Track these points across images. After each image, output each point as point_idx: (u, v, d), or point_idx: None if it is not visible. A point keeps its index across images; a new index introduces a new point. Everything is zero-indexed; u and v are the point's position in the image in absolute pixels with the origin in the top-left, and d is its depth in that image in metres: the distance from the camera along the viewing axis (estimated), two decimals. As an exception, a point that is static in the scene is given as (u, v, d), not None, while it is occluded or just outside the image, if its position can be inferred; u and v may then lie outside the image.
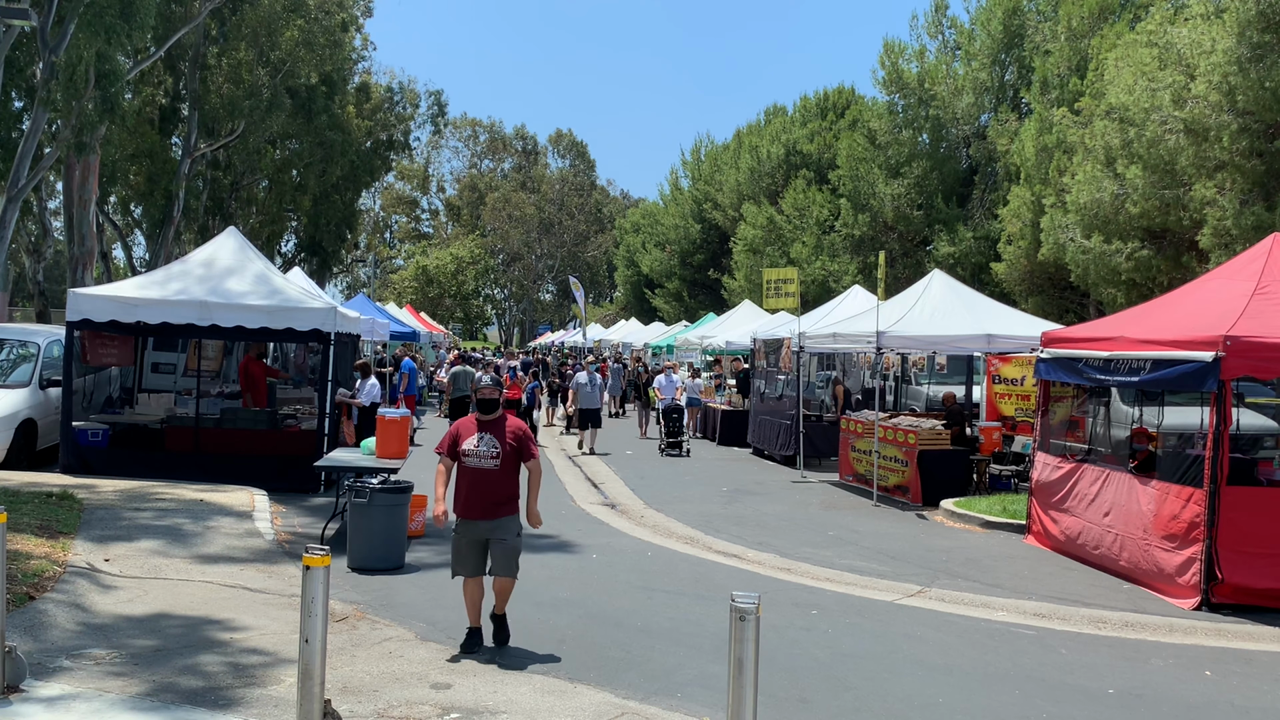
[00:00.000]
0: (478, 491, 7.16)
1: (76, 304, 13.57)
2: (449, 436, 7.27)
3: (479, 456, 7.16)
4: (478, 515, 7.17)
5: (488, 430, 7.25)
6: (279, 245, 46.71)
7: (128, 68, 25.64)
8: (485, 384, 7.38)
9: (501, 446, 7.18)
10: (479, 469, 7.16)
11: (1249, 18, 15.69)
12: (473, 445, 7.18)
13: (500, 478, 7.17)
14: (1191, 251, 18.12)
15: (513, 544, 7.26)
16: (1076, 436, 13.10)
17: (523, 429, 7.36)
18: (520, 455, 7.27)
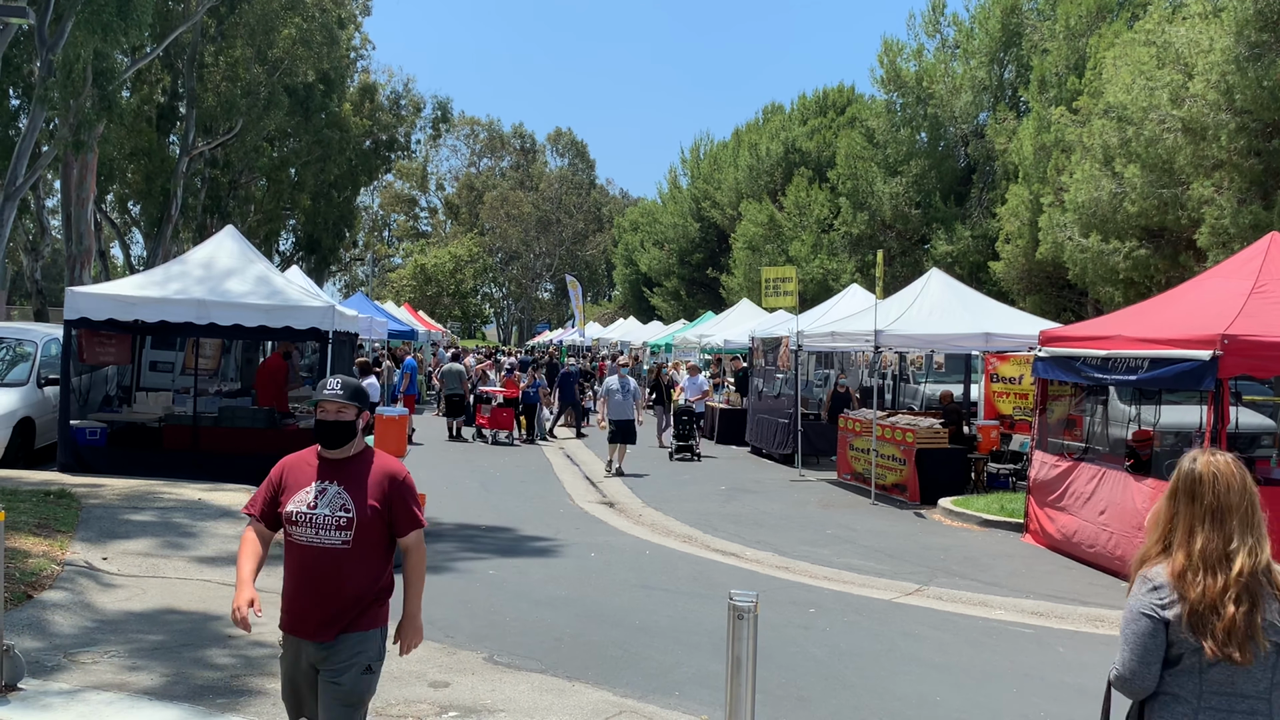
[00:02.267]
0: (311, 587, 4.19)
1: (74, 302, 13.56)
2: (265, 485, 4.37)
3: (314, 525, 4.14)
4: (308, 630, 4.21)
5: (334, 478, 4.20)
6: (277, 244, 46.70)
7: (125, 66, 25.62)
8: (332, 394, 4.17)
9: (357, 508, 4.16)
10: (314, 547, 4.15)
11: (1247, 17, 15.70)
12: (305, 504, 4.17)
13: (352, 564, 4.19)
14: (1189, 250, 18.14)
15: (355, 686, 4.19)
16: (1074, 435, 13.12)
17: (399, 475, 4.27)
18: (392, 523, 4.26)
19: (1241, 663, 2.89)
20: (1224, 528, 3.01)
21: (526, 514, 13.17)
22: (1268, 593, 2.94)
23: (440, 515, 12.56)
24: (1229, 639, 2.89)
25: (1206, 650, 2.90)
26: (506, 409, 22.25)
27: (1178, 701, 2.98)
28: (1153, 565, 3.08)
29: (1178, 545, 3.05)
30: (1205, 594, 2.93)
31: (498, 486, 15.55)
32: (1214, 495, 3.04)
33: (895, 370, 23.59)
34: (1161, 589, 3.00)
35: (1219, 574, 2.95)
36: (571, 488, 15.91)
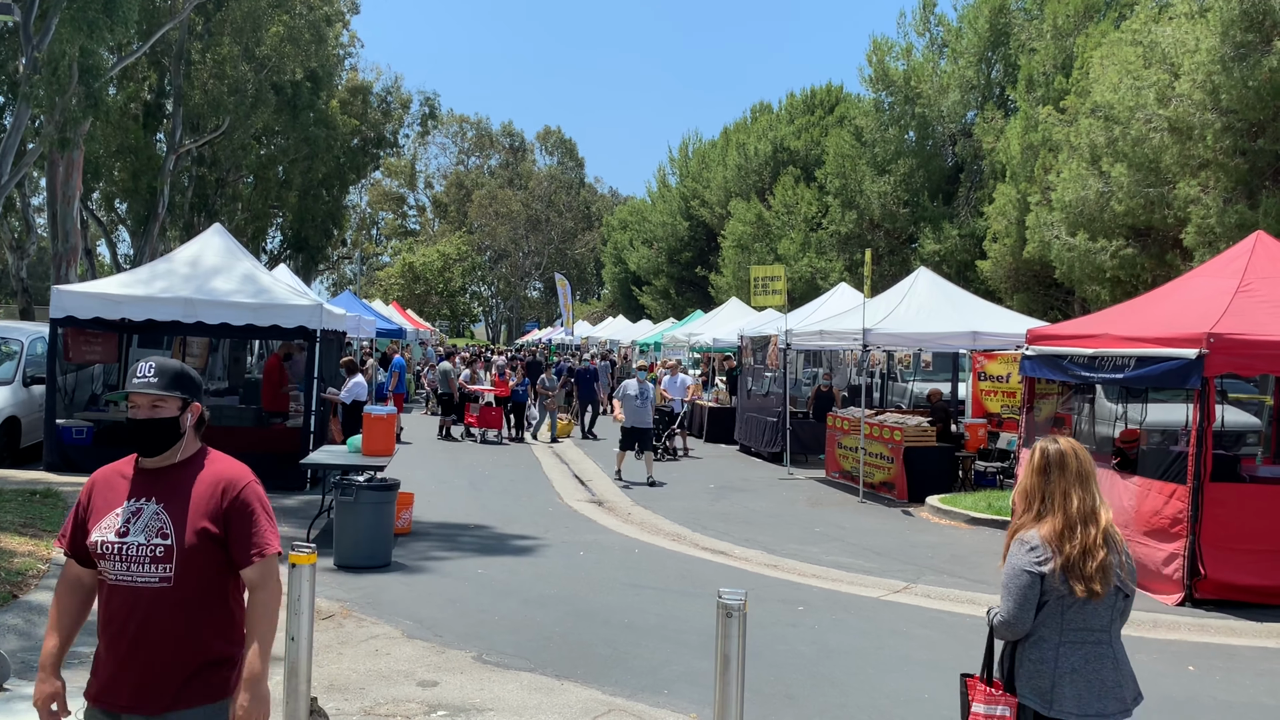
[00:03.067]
0: (121, 642, 3.16)
1: (60, 301, 13.49)
2: (75, 507, 3.32)
3: (125, 558, 3.12)
4: (121, 701, 3.22)
5: (153, 493, 3.19)
6: (264, 242, 46.51)
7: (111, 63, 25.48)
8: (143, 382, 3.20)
9: (177, 533, 3.13)
10: (124, 587, 3.14)
11: (1232, 17, 15.78)
12: (113, 530, 3.14)
13: (177, 607, 3.13)
14: (1175, 249, 18.23)
15: None
16: (1061, 433, 13.16)
17: (239, 484, 3.24)
18: (230, 551, 3.19)
19: (1102, 595, 3.57)
20: (1089, 489, 3.76)
21: (515, 513, 13.15)
22: (1114, 546, 3.69)
23: (429, 514, 12.54)
24: (1096, 575, 3.59)
25: (1077, 591, 3.56)
26: (496, 408, 22.23)
27: (1044, 640, 3.67)
28: (1027, 530, 3.75)
29: (1054, 509, 3.73)
30: (1083, 542, 3.63)
31: (487, 485, 15.53)
32: (1078, 464, 3.79)
33: (883, 369, 23.65)
34: (1038, 549, 3.66)
35: (1091, 525, 3.68)
36: (560, 486, 15.90)
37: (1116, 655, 3.73)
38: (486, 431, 21.87)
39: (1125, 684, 3.72)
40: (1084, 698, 3.62)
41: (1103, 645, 3.69)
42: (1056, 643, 3.67)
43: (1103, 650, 3.69)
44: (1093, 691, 3.64)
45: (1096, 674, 3.65)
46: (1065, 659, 3.66)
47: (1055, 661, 3.66)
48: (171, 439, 3.23)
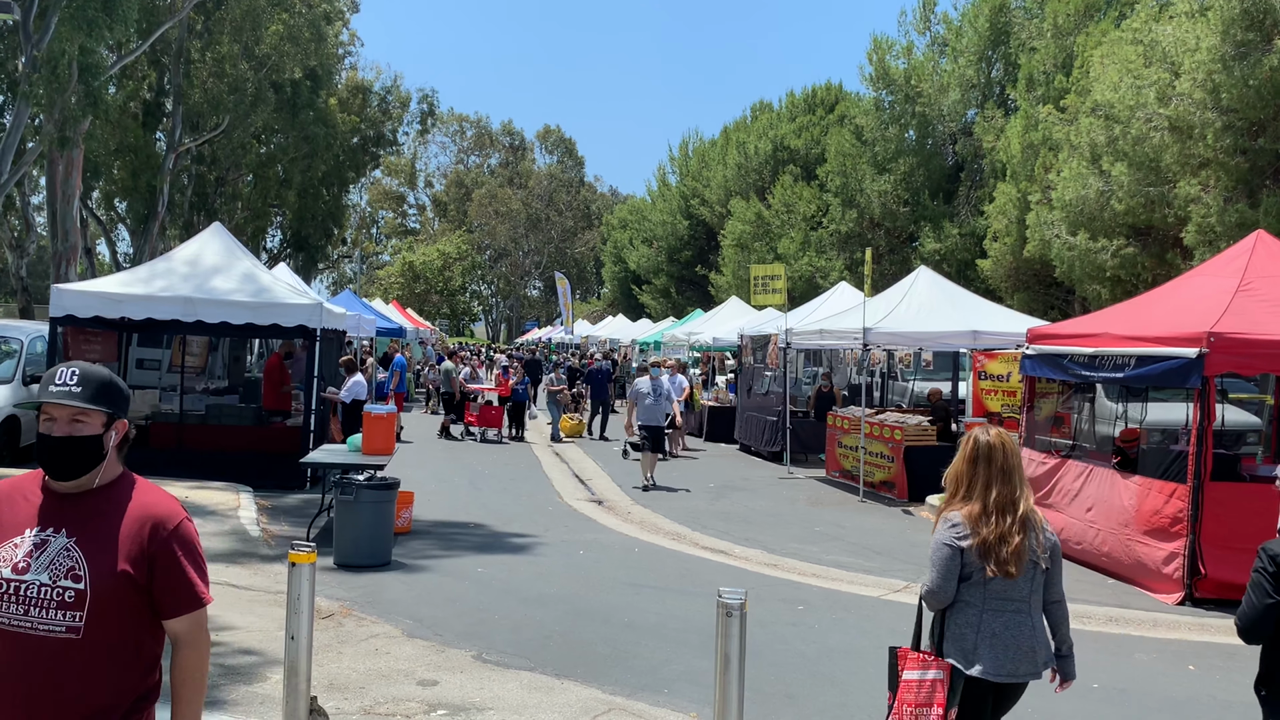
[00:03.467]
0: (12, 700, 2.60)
1: (60, 300, 13.48)
2: None
3: (23, 599, 2.61)
4: None
5: (64, 523, 2.70)
6: (264, 241, 46.51)
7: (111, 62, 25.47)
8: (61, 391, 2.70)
9: (93, 575, 2.64)
10: (21, 634, 2.60)
11: (1233, 15, 15.77)
12: (11, 564, 2.64)
13: (84, 664, 2.64)
14: (1176, 248, 18.21)
15: None
16: (1061, 432, 13.17)
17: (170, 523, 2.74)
18: (154, 600, 2.72)
19: (1016, 575, 4.01)
20: (1010, 482, 4.13)
21: (515, 512, 13.15)
22: (1032, 529, 4.11)
23: (429, 513, 12.53)
24: (1011, 559, 4.00)
25: (989, 570, 4.01)
26: (496, 407, 22.24)
27: (969, 606, 4.08)
28: (951, 510, 4.17)
29: (976, 496, 4.12)
30: (998, 529, 4.03)
31: (487, 484, 15.52)
32: (1004, 458, 4.16)
33: (883, 368, 23.63)
34: (959, 526, 4.09)
35: (1008, 514, 4.07)
36: (560, 485, 15.90)
37: (1034, 622, 4.14)
38: (486, 430, 21.87)
39: (1039, 648, 4.16)
40: (1000, 659, 4.05)
41: (1021, 614, 4.10)
42: (980, 610, 4.08)
43: (1021, 619, 4.10)
44: (1009, 654, 4.06)
45: (1014, 639, 4.07)
46: (987, 624, 4.07)
47: (978, 626, 4.08)
48: (92, 461, 2.70)
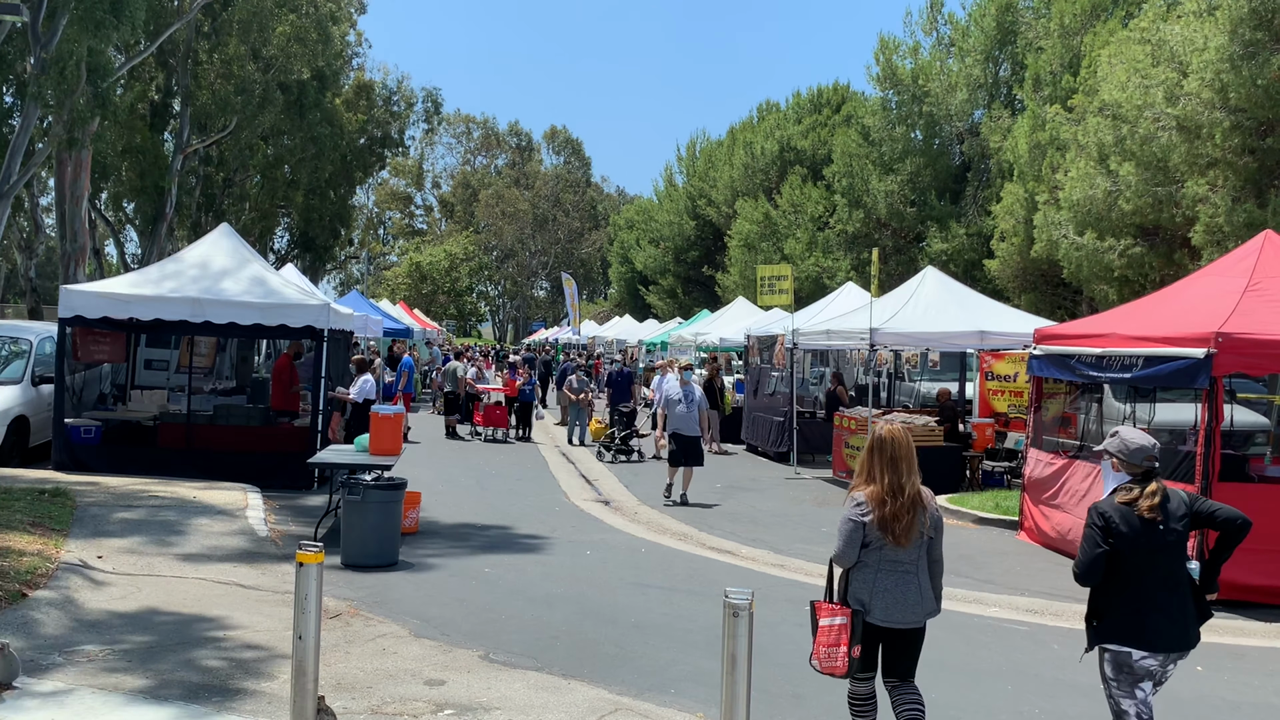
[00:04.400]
0: None
1: (69, 300, 13.53)
2: None
3: None
4: None
5: None
6: (272, 241, 46.64)
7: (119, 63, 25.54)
8: None
9: None
10: None
11: (1241, 15, 15.72)
12: None
13: None
14: (1184, 248, 18.17)
15: None
16: (1069, 433, 13.14)
17: None
18: None
19: (907, 546, 5.07)
20: (898, 469, 5.10)
21: (522, 512, 13.16)
22: (921, 507, 5.10)
23: (436, 513, 12.55)
24: (903, 534, 5.05)
25: (888, 541, 5.06)
26: (503, 407, 22.25)
27: (867, 568, 5.14)
28: (857, 491, 5.19)
29: (875, 480, 5.13)
30: (890, 509, 5.05)
31: (493, 484, 15.54)
32: (893, 449, 5.14)
33: (890, 368, 23.61)
34: (862, 504, 5.12)
35: (899, 497, 5.06)
36: (567, 485, 15.91)
37: (920, 582, 5.16)
38: (495, 431, 21.90)
39: (924, 602, 5.17)
40: (889, 609, 5.10)
41: (909, 575, 5.14)
42: (875, 570, 5.13)
43: (909, 579, 5.13)
44: (896, 605, 5.10)
45: (902, 594, 5.11)
46: (880, 582, 5.12)
47: (874, 583, 5.12)
48: None
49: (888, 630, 5.13)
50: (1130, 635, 4.69)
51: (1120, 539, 4.70)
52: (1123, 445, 4.96)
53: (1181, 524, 4.74)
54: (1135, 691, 4.74)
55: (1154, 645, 4.66)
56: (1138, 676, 4.72)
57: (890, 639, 5.18)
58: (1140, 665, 4.69)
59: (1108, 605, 4.78)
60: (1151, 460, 4.89)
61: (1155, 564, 4.71)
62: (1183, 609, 4.72)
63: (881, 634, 5.15)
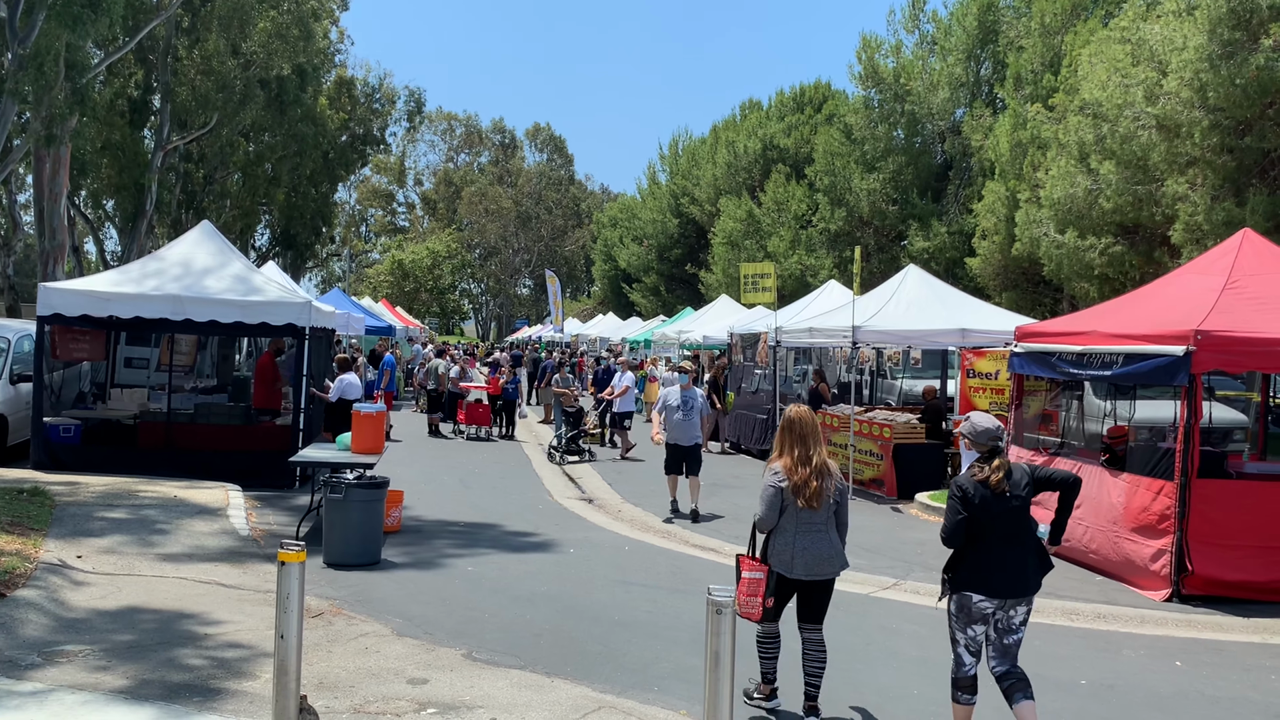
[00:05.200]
0: None
1: (47, 298, 13.42)
2: None
3: None
4: None
5: None
6: (253, 239, 46.36)
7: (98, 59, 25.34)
8: None
9: None
10: None
11: (1220, 15, 15.84)
12: None
13: None
14: (1164, 246, 18.29)
15: None
16: (1050, 430, 13.22)
17: None
18: None
19: (817, 509, 6.03)
20: (805, 443, 6.13)
21: (505, 510, 13.14)
22: (827, 475, 6.11)
23: (419, 512, 12.52)
24: (814, 496, 6.02)
25: (799, 503, 6.02)
26: (486, 405, 22.20)
27: (786, 530, 6.08)
28: (774, 462, 6.19)
29: (787, 453, 6.14)
30: (800, 476, 6.04)
31: (476, 483, 15.51)
32: (800, 427, 6.17)
33: (872, 366, 23.69)
34: (779, 474, 6.11)
35: (806, 466, 6.07)
36: (550, 484, 15.89)
37: (831, 539, 6.11)
38: (478, 429, 21.84)
39: (835, 558, 6.12)
40: (809, 564, 6.04)
41: (822, 534, 6.08)
42: (794, 532, 6.05)
43: (821, 537, 6.08)
44: (814, 561, 6.05)
45: (817, 551, 6.06)
46: (799, 542, 6.04)
47: (793, 544, 6.05)
48: None
49: (808, 582, 6.07)
50: (974, 584, 5.55)
51: (973, 507, 5.52)
52: (972, 428, 5.77)
53: (1025, 490, 5.59)
54: (969, 629, 5.66)
55: (991, 592, 5.52)
56: (973, 617, 5.61)
57: (808, 589, 6.13)
58: (977, 608, 5.58)
59: (961, 560, 5.62)
60: (995, 440, 5.71)
61: (1001, 526, 5.54)
62: (1022, 562, 5.54)
63: (800, 586, 6.11)
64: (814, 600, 6.17)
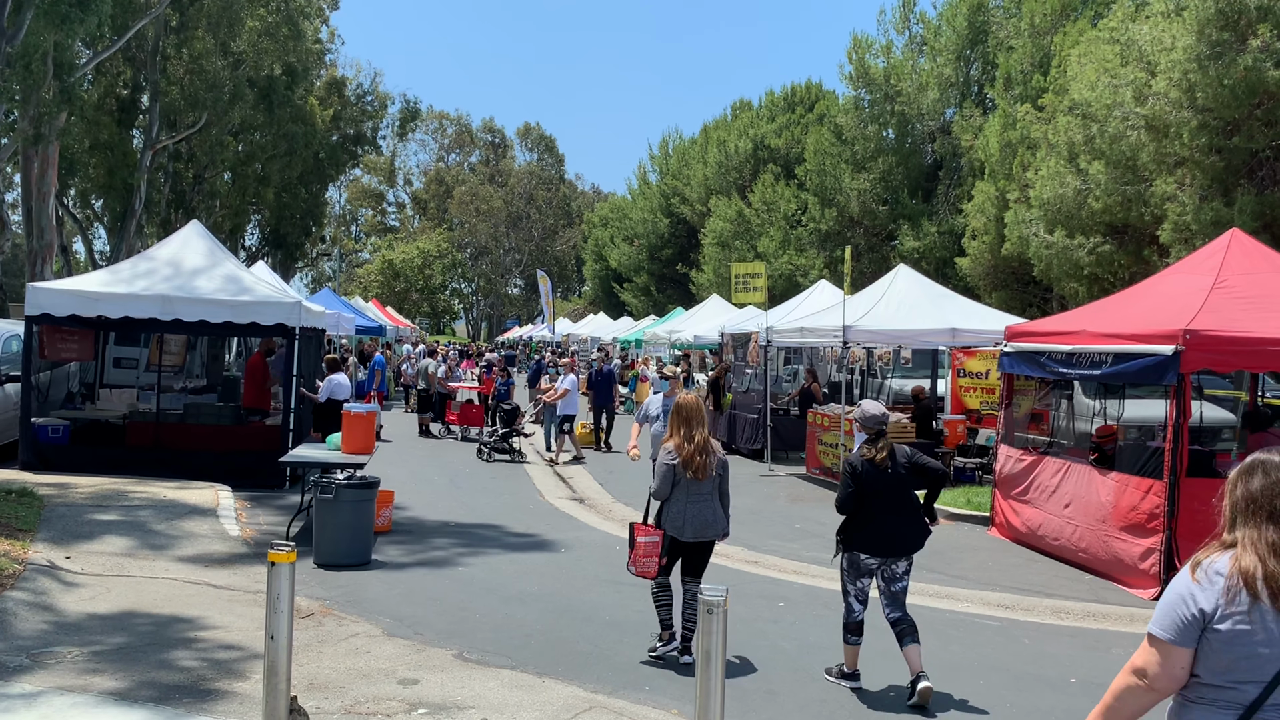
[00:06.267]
0: None
1: (36, 298, 13.35)
2: None
3: None
4: None
5: None
6: (242, 238, 46.18)
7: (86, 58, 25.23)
8: None
9: None
10: None
11: (1208, 16, 15.91)
12: None
13: None
14: (1152, 246, 18.36)
15: None
16: (1039, 429, 13.25)
17: None
18: None
19: (702, 480, 6.99)
20: (691, 425, 7.07)
21: (496, 510, 13.13)
22: (710, 451, 7.04)
23: (410, 512, 12.50)
24: (699, 469, 6.96)
25: (689, 476, 6.96)
26: (477, 405, 22.16)
27: (677, 500, 7.01)
28: (669, 443, 7.08)
29: (677, 433, 7.07)
30: (687, 453, 6.98)
31: (467, 483, 15.49)
32: (687, 412, 7.11)
33: (863, 365, 23.71)
34: (671, 452, 7.00)
35: (691, 443, 7.00)
36: (541, 484, 15.88)
37: (715, 507, 7.11)
38: (467, 429, 21.81)
39: (719, 522, 7.12)
40: (697, 528, 6.99)
41: (707, 502, 7.07)
42: (684, 501, 7.01)
43: (706, 504, 7.06)
44: (701, 525, 7.01)
45: (703, 516, 7.03)
46: (688, 509, 7.00)
47: (683, 511, 7.00)
48: None
49: (695, 544, 7.04)
50: (862, 544, 6.60)
51: (861, 480, 6.59)
52: (862, 414, 6.89)
53: (904, 469, 6.70)
54: (859, 582, 6.72)
55: (876, 551, 6.58)
56: (861, 571, 6.69)
57: (693, 550, 7.09)
58: (864, 564, 6.65)
59: (851, 524, 6.65)
60: (880, 425, 6.80)
61: (884, 496, 6.57)
62: (901, 526, 6.59)
63: (688, 547, 7.07)
64: (697, 557, 7.12)
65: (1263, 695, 2.56)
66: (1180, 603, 2.73)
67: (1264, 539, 2.64)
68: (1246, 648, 2.59)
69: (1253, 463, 2.81)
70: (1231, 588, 2.63)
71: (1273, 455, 2.80)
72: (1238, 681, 2.62)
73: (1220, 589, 2.66)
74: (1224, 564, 2.69)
